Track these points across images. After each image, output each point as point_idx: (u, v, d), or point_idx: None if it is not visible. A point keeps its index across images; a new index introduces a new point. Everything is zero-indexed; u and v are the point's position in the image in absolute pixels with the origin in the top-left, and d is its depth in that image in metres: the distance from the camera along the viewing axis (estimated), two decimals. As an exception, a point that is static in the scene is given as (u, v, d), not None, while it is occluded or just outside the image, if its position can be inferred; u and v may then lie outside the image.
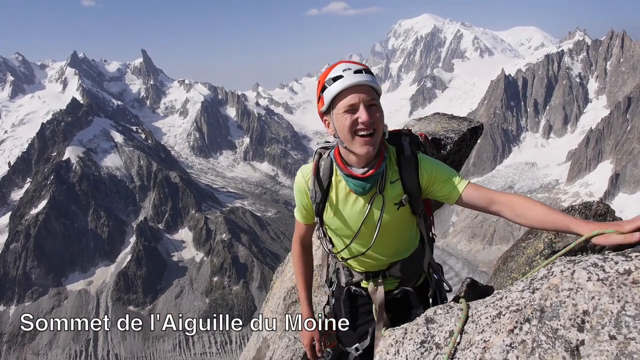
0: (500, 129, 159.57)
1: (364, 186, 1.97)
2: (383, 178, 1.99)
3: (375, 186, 1.99)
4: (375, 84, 1.86)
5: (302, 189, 2.17)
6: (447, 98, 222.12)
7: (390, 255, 2.20)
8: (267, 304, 4.50)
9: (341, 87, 1.82)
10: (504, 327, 1.30)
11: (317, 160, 2.13)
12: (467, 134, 4.32)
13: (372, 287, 2.26)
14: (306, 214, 2.27)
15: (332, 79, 1.86)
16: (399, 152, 2.05)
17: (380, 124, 1.88)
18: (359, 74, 1.83)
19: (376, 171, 1.95)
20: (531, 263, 3.93)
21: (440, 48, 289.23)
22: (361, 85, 1.83)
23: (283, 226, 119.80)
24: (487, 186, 2.41)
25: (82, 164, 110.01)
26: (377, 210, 2.01)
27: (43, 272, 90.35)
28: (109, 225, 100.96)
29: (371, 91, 1.85)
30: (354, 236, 2.08)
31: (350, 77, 1.82)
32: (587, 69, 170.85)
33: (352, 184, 2.00)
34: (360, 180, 1.96)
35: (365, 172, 1.95)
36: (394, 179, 2.02)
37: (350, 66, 1.87)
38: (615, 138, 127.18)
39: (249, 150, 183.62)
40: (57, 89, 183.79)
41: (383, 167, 1.98)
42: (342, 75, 1.84)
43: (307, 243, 2.48)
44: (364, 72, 1.85)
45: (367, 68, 1.88)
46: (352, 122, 1.84)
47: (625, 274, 1.18)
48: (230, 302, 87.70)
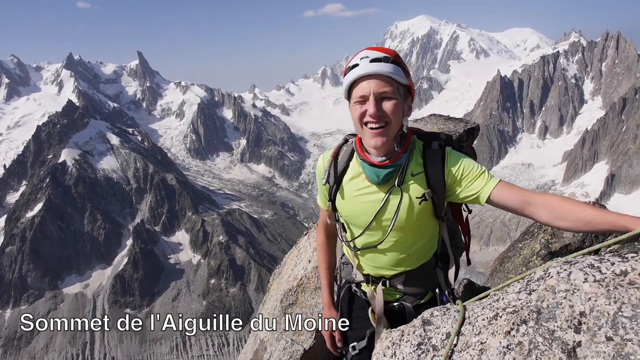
0: (496, 130, 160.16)
1: (378, 174, 1.88)
2: (403, 171, 1.89)
3: (393, 178, 1.89)
4: (394, 73, 1.76)
5: (320, 172, 2.12)
6: (443, 99, 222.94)
7: (400, 259, 2.05)
8: (264, 306, 4.49)
9: (354, 77, 1.78)
10: (500, 329, 1.29)
11: (341, 145, 2.08)
12: (463, 135, 4.33)
13: (370, 293, 2.14)
14: (324, 198, 2.17)
15: (351, 67, 1.81)
16: (426, 147, 1.94)
17: (395, 116, 1.79)
18: (375, 63, 1.75)
19: (393, 162, 1.87)
20: (528, 264, 3.93)
21: (437, 49, 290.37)
22: (376, 75, 1.75)
23: (280, 228, 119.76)
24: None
25: (78, 167, 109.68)
26: (395, 203, 1.90)
27: (39, 276, 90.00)
28: (105, 227, 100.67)
29: (388, 81, 1.76)
30: (367, 227, 1.97)
31: (364, 66, 1.76)
32: (582, 70, 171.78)
33: (367, 171, 1.91)
34: (376, 167, 1.88)
35: (382, 161, 1.87)
36: (416, 172, 1.91)
37: (369, 54, 1.78)
38: (611, 139, 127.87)
39: (245, 152, 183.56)
40: (53, 91, 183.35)
41: (403, 160, 1.89)
42: (358, 64, 1.78)
43: (331, 230, 2.35)
44: (383, 61, 1.76)
45: (389, 56, 1.78)
46: (360, 114, 1.79)
47: (622, 275, 1.17)
48: (227, 304, 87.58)
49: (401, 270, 2.07)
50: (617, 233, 1.50)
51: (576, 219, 1.61)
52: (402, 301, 2.13)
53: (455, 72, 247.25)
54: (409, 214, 1.92)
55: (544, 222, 1.73)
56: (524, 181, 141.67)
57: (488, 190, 1.80)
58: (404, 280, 2.09)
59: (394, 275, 2.09)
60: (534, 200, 1.73)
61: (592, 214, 1.56)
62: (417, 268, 2.08)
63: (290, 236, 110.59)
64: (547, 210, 1.68)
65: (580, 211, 1.60)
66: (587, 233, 3.50)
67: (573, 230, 1.78)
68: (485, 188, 1.81)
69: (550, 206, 1.68)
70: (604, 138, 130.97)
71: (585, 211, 1.59)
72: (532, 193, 1.76)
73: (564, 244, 3.74)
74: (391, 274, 2.09)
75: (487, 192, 1.80)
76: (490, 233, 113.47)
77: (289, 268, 4.25)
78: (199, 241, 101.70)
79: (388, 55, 1.78)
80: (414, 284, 2.11)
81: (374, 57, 1.77)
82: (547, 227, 3.85)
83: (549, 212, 1.68)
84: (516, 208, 1.76)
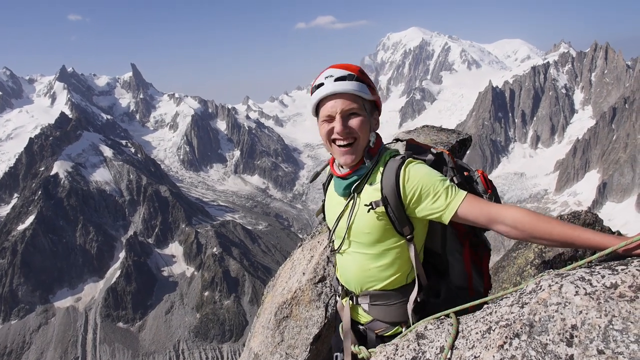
0: (489, 139, 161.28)
1: (340, 185, 1.96)
2: (363, 181, 1.91)
3: (350, 187, 1.94)
4: (358, 91, 1.80)
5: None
6: (436, 110, 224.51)
7: (362, 276, 1.99)
8: (258, 319, 4.45)
9: (320, 97, 1.83)
10: (494, 343, 1.29)
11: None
12: (456, 146, 4.36)
13: (340, 305, 2.17)
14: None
15: (316, 86, 1.86)
16: (393, 157, 1.91)
17: (362, 132, 1.82)
18: (339, 82, 1.79)
19: (353, 172, 1.91)
20: (522, 273, 3.93)
21: (429, 60, 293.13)
22: (341, 94, 1.79)
23: (274, 239, 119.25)
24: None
25: (71, 179, 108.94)
26: (350, 210, 1.94)
27: (30, 289, 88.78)
28: (97, 240, 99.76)
29: (353, 99, 1.80)
30: (332, 231, 2.06)
31: (329, 85, 1.80)
32: (572, 80, 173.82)
33: (335, 183, 2.03)
34: (339, 179, 1.97)
35: (344, 173, 1.94)
36: (374, 182, 1.89)
37: (334, 72, 1.82)
38: (602, 148, 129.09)
39: (239, 163, 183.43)
40: (46, 104, 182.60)
41: (363, 170, 1.90)
42: (324, 83, 1.82)
43: None
44: (348, 79, 1.80)
45: (353, 73, 1.82)
46: (328, 131, 1.85)
47: (612, 287, 1.18)
48: (221, 317, 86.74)
49: (366, 288, 2.00)
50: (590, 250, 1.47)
51: (548, 236, 1.56)
52: (367, 326, 2.06)
53: (447, 83, 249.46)
54: (360, 221, 1.91)
55: (513, 238, 1.67)
56: (517, 190, 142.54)
57: (452, 209, 1.72)
58: (369, 302, 2.01)
59: (360, 293, 2.03)
60: (502, 217, 1.65)
61: (562, 231, 1.52)
62: (383, 293, 1.97)
63: (284, 247, 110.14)
64: (514, 228, 1.62)
65: (551, 228, 1.55)
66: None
67: (549, 246, 1.72)
68: (449, 207, 1.72)
69: (518, 224, 1.61)
70: (595, 147, 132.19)
71: (556, 228, 1.54)
72: (500, 209, 1.67)
73: (558, 252, 3.76)
74: (357, 291, 2.04)
75: (451, 211, 1.72)
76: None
77: (283, 281, 4.22)
78: (193, 253, 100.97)
79: (352, 72, 1.81)
80: (380, 311, 2.00)
81: (339, 76, 1.80)
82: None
83: (517, 230, 1.62)
84: (483, 225, 1.70)
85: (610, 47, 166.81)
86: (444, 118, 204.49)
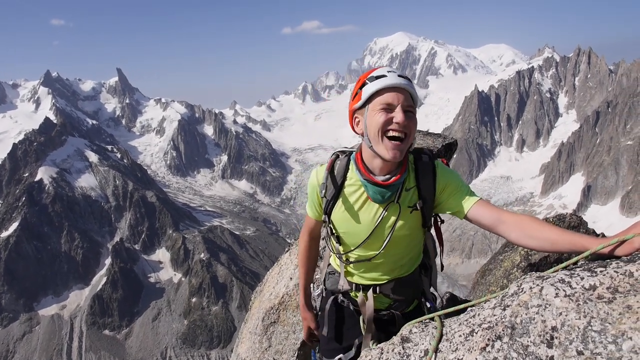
0: (475, 143, 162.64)
1: (383, 194, 1.92)
2: (401, 188, 1.94)
3: (393, 194, 1.93)
4: (415, 93, 1.86)
5: (314, 185, 2.13)
6: (422, 114, 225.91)
7: (392, 268, 2.12)
8: (245, 324, 4.42)
9: (383, 85, 1.80)
10: (476, 345, 1.30)
11: (333, 160, 2.08)
12: (442, 150, 4.38)
13: (361, 299, 2.17)
14: (317, 210, 2.21)
15: (375, 77, 1.84)
16: (417, 159, 1.99)
17: (413, 132, 1.85)
18: (403, 79, 1.82)
19: (398, 179, 1.91)
20: (509, 276, 3.96)
21: (415, 65, 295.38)
22: (402, 89, 1.81)
23: (262, 244, 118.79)
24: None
25: (56, 185, 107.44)
26: (392, 219, 1.96)
27: (14, 297, 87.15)
28: (83, 247, 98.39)
29: (410, 98, 1.84)
30: (363, 241, 2.01)
31: (393, 78, 1.81)
32: (556, 84, 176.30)
33: (371, 191, 1.93)
34: (381, 187, 1.91)
35: (387, 179, 1.90)
36: (409, 187, 1.96)
37: (395, 70, 1.86)
38: (586, 151, 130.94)
39: (226, 168, 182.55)
40: (30, 109, 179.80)
41: (405, 176, 1.94)
42: (386, 75, 1.83)
43: (315, 235, 2.40)
44: (407, 79, 1.85)
45: (409, 78, 1.89)
46: (385, 121, 1.80)
47: (591, 289, 1.20)
48: (209, 323, 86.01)
49: (392, 277, 2.14)
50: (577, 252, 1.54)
51: (543, 239, 1.64)
52: (392, 309, 2.20)
53: (433, 87, 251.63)
54: (404, 228, 1.99)
55: (513, 241, 1.76)
56: (503, 194, 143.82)
57: (468, 206, 1.87)
58: (393, 287, 2.15)
59: (385, 282, 2.15)
60: (507, 219, 1.77)
61: (557, 234, 1.60)
62: (406, 275, 2.16)
63: (272, 252, 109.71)
64: (517, 229, 1.73)
65: (547, 231, 1.64)
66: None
67: (540, 250, 1.74)
68: (466, 203, 1.88)
69: (520, 225, 1.72)
70: (579, 150, 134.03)
71: (552, 231, 1.62)
72: (507, 213, 1.81)
73: (543, 255, 3.79)
74: (382, 282, 2.15)
75: (468, 207, 1.87)
76: (472, 246, 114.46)
77: (271, 286, 4.20)
78: (180, 259, 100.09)
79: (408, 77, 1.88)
80: (403, 292, 2.17)
81: (400, 74, 1.84)
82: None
83: (519, 231, 1.72)
84: (490, 226, 1.82)
85: (593, 52, 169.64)
86: (431, 122, 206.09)
